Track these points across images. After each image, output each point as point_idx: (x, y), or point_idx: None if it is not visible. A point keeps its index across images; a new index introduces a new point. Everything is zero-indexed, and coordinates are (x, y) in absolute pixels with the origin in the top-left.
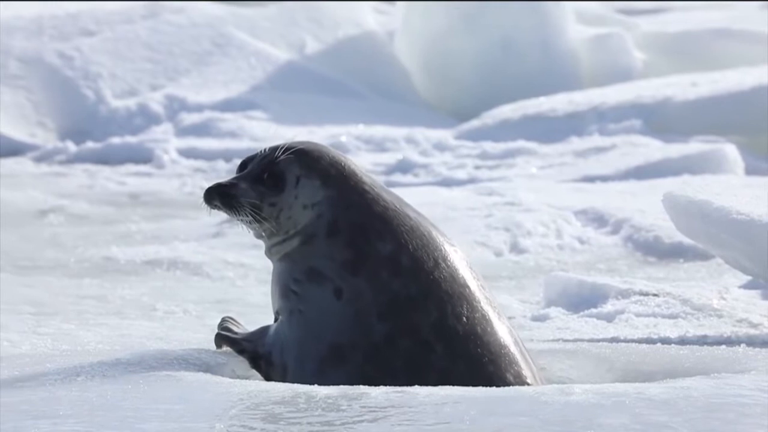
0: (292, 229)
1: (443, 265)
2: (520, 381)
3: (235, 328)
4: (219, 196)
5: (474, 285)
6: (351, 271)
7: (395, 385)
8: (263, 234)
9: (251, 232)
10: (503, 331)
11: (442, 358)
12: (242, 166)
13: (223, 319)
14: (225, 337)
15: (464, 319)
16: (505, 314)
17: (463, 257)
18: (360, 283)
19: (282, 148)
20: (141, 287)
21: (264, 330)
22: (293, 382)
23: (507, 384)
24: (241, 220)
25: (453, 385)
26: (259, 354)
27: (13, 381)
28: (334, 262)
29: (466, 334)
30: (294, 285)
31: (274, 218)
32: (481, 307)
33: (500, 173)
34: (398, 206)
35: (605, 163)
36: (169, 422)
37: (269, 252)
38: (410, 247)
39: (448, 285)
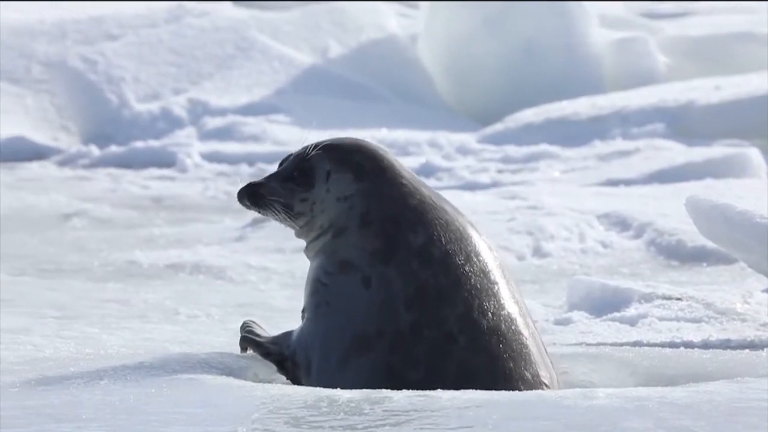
0: (326, 223)
1: (475, 260)
2: (538, 381)
3: (258, 331)
4: (248, 195)
5: (503, 283)
6: (381, 261)
7: (416, 375)
8: (301, 232)
9: (293, 231)
10: (527, 332)
11: (463, 350)
12: (280, 165)
13: (245, 323)
14: (250, 340)
15: (490, 314)
16: (531, 316)
17: (496, 256)
18: (389, 272)
19: (315, 144)
20: (164, 291)
21: (289, 333)
22: (318, 376)
23: (525, 382)
24: (276, 218)
25: (472, 377)
26: (284, 356)
27: (36, 384)
28: (364, 251)
29: (490, 330)
30: (325, 278)
31: (307, 213)
32: (508, 306)
33: (523, 177)
34: (435, 201)
35: (628, 167)
36: (191, 426)
37: (307, 250)
38: (443, 239)
39: (477, 280)
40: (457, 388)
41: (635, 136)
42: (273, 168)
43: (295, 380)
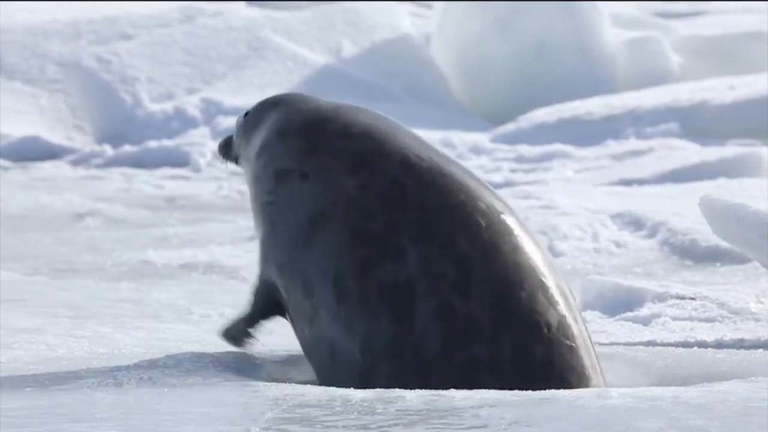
0: (253, 150)
1: (399, 127)
2: (490, 208)
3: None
4: (219, 147)
5: (422, 139)
6: (309, 154)
7: (377, 225)
8: (243, 166)
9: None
10: (462, 168)
11: (414, 190)
12: None
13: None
14: (230, 329)
15: (426, 156)
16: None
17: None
18: (321, 159)
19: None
20: (177, 291)
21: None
22: (288, 279)
23: (469, 209)
24: (233, 162)
25: (426, 217)
26: (256, 299)
27: (49, 384)
28: (291, 154)
29: (431, 170)
30: (267, 197)
31: (242, 149)
32: (437, 151)
33: (536, 177)
34: (350, 107)
35: (642, 167)
36: (204, 425)
37: (248, 184)
38: (360, 122)
39: (408, 135)
40: (418, 232)
41: (648, 136)
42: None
43: (273, 307)
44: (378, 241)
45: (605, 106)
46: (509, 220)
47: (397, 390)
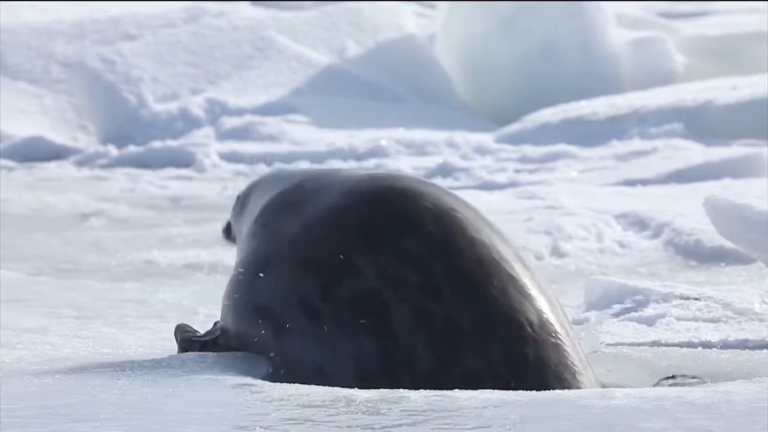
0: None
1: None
2: (438, 205)
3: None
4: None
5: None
6: (260, 219)
7: (323, 255)
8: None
9: None
10: (401, 174)
11: (357, 211)
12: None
13: (178, 326)
14: (187, 339)
15: (362, 176)
16: None
17: None
18: (266, 228)
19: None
20: (182, 291)
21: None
22: (244, 315)
23: (414, 210)
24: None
25: (371, 230)
26: (215, 330)
27: (54, 384)
28: (243, 230)
29: (372, 186)
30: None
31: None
32: (375, 172)
33: (541, 177)
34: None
35: (646, 167)
36: (209, 426)
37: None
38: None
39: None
40: (365, 245)
41: (653, 136)
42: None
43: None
44: (327, 259)
45: (610, 107)
46: (462, 216)
47: (401, 390)
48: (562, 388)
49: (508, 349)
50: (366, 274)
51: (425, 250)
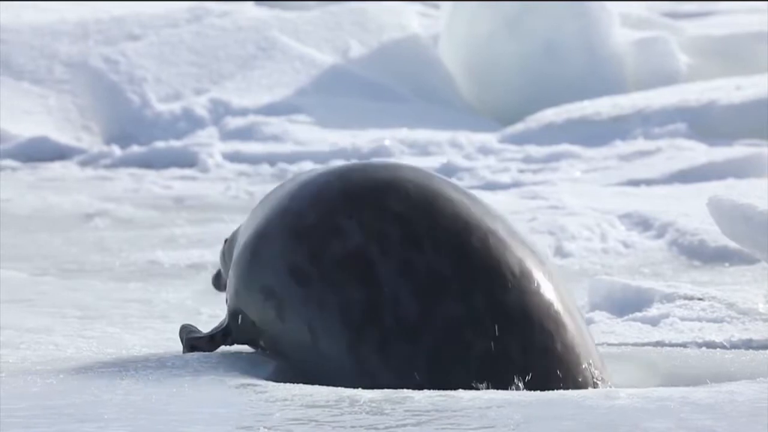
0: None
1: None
2: (416, 172)
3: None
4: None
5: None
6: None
7: (309, 222)
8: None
9: None
10: (385, 162)
11: (338, 183)
12: None
13: (183, 326)
14: (193, 339)
15: (341, 164)
16: None
17: None
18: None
19: None
20: (185, 291)
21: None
22: (246, 294)
23: (394, 179)
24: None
25: (352, 198)
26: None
27: (58, 384)
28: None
29: (352, 165)
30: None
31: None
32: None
33: (544, 177)
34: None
35: (650, 167)
36: (213, 426)
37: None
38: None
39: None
40: (348, 210)
41: (657, 136)
42: (294, 168)
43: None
44: (316, 225)
45: (613, 107)
46: (438, 181)
47: (405, 390)
48: (546, 338)
49: (490, 296)
50: (351, 233)
51: (406, 208)
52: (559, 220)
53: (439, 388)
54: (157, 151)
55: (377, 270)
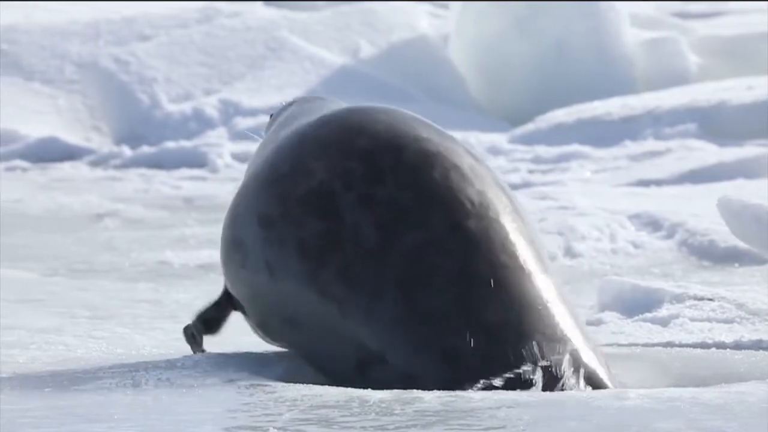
0: None
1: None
2: (388, 113)
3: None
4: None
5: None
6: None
7: (284, 169)
8: None
9: None
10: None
11: (312, 132)
12: None
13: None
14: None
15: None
16: None
17: None
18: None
19: None
20: (195, 291)
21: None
22: (232, 250)
23: (364, 115)
24: None
25: (326, 144)
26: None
27: (68, 385)
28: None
29: (326, 114)
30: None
31: None
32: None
33: (554, 177)
34: None
35: (660, 167)
36: (222, 426)
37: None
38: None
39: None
40: (318, 152)
41: (667, 137)
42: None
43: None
44: (288, 172)
45: (623, 107)
46: (411, 119)
47: (415, 391)
48: (507, 265)
49: (451, 222)
50: (316, 172)
51: (373, 147)
52: (569, 220)
53: (409, 310)
54: (167, 152)
55: (338, 203)
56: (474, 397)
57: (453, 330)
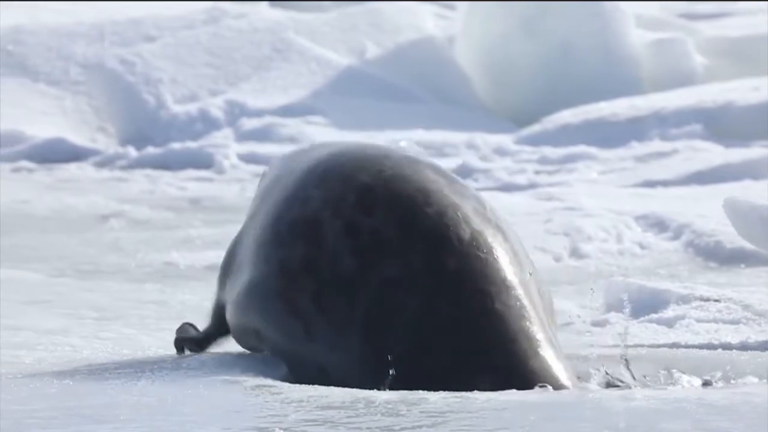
0: None
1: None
2: (389, 150)
3: (193, 332)
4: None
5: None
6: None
7: (286, 194)
8: None
9: None
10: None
11: (309, 160)
12: None
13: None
14: (185, 339)
15: (315, 146)
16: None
17: None
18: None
19: None
20: (201, 292)
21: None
22: (228, 268)
23: (367, 154)
24: None
25: (327, 170)
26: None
27: (74, 385)
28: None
29: (325, 144)
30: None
31: None
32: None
33: (560, 178)
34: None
35: (666, 168)
36: (228, 427)
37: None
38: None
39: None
40: (319, 181)
41: (673, 137)
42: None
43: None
44: (287, 196)
45: (630, 108)
46: (412, 157)
47: (420, 392)
48: (484, 302)
49: (429, 258)
50: (313, 202)
51: (372, 181)
52: (576, 221)
53: (375, 348)
54: (172, 153)
55: (323, 230)
56: (479, 398)
57: (410, 375)
